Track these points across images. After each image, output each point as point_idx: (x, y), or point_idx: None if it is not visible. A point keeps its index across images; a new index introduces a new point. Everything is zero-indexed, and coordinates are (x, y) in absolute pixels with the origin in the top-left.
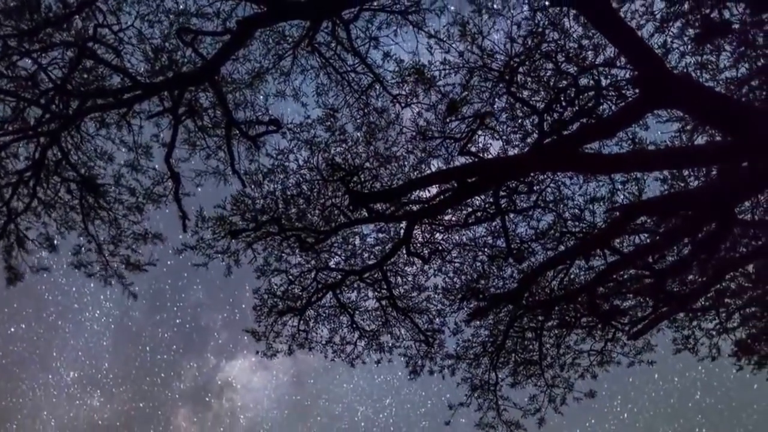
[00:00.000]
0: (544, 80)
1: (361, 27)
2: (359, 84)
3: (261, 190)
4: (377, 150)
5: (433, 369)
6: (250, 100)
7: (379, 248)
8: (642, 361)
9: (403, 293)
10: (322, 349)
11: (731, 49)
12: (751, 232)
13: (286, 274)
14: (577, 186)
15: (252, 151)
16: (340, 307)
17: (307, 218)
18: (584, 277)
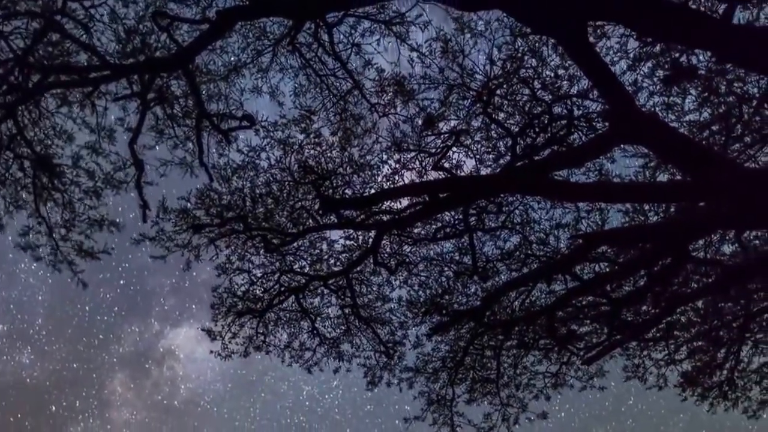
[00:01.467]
0: (520, 105)
1: (344, 32)
2: (338, 89)
3: (229, 185)
4: (351, 156)
5: (391, 381)
6: (225, 93)
7: (345, 255)
8: (594, 386)
9: (366, 303)
10: (280, 353)
11: (696, 94)
12: (703, 269)
13: (248, 274)
14: (544, 211)
15: (222, 145)
16: (301, 311)
17: (274, 219)
18: (545, 300)
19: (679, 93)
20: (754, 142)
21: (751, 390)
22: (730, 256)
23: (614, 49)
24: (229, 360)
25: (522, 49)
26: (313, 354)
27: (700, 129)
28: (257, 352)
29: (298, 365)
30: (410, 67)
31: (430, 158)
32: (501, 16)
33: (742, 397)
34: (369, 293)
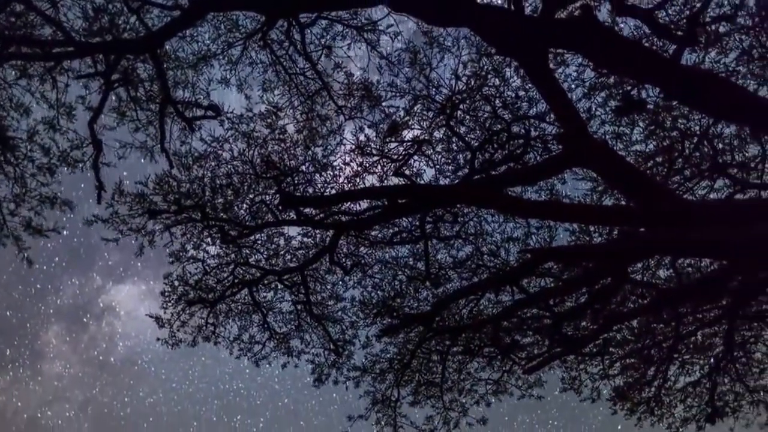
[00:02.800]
0: (481, 121)
1: (316, 33)
2: (306, 88)
3: (189, 173)
4: (315, 156)
5: (338, 379)
6: (192, 81)
7: (302, 252)
8: (532, 395)
9: (319, 300)
10: (229, 345)
11: (643, 126)
12: (639, 291)
13: (202, 263)
14: (496, 224)
15: (185, 132)
16: (254, 305)
17: (232, 211)
18: (492, 310)
19: (628, 124)
20: (693, 176)
21: (676, 407)
22: (665, 281)
23: (572, 76)
24: (177, 347)
25: (486, 67)
26: (262, 348)
27: (645, 159)
28: (206, 342)
29: (247, 358)
30: (378, 74)
31: (391, 164)
32: (468, 34)
33: (667, 414)
34: (323, 291)
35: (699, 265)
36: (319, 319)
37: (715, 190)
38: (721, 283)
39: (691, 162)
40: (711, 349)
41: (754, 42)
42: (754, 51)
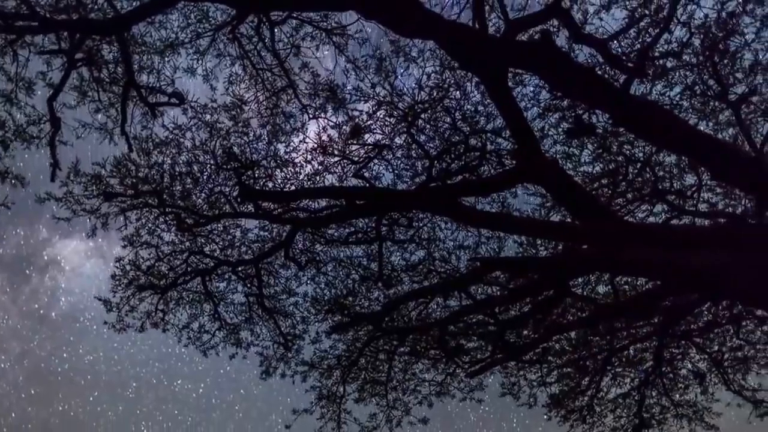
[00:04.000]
0: (440, 131)
1: (286, 32)
2: (272, 84)
3: (148, 159)
4: (277, 151)
5: (285, 372)
6: (157, 67)
7: (257, 245)
8: (473, 398)
9: (272, 294)
10: (177, 332)
11: (592, 149)
12: (579, 304)
13: (156, 249)
14: (449, 231)
15: (147, 118)
16: (206, 294)
17: (190, 199)
18: (439, 314)
19: (578, 146)
20: (635, 199)
21: (606, 417)
22: (603, 296)
23: (528, 96)
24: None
25: (449, 80)
26: (212, 338)
27: (591, 180)
28: (154, 328)
29: (195, 347)
30: (345, 77)
31: (352, 165)
32: (433, 47)
33: (597, 422)
34: (276, 285)
35: (635, 283)
36: (270, 313)
37: (654, 214)
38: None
39: (633, 186)
40: (641, 363)
41: (697, 79)
42: (696, 87)
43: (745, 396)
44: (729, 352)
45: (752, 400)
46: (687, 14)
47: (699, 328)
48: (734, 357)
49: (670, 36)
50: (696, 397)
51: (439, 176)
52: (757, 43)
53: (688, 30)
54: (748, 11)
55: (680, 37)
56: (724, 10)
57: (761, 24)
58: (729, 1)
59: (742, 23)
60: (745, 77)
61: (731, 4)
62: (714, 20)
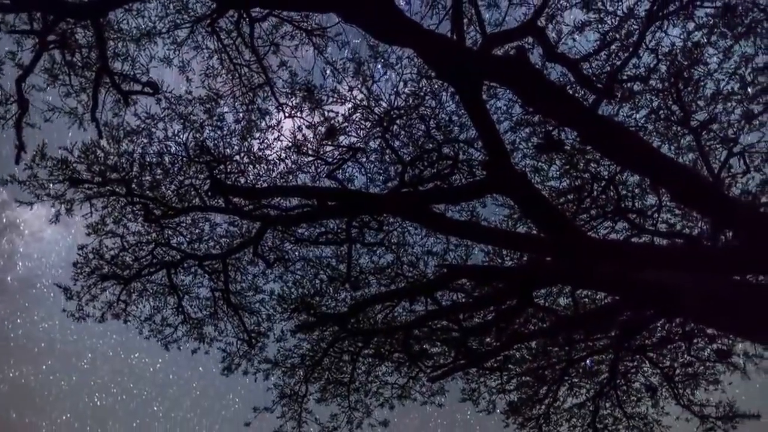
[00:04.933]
0: (415, 138)
1: (266, 29)
2: (249, 80)
3: (118, 147)
4: (250, 147)
5: (248, 369)
6: (132, 55)
7: (226, 240)
8: (434, 402)
9: (238, 290)
10: (139, 324)
11: (560, 164)
12: (540, 315)
13: (121, 239)
14: (419, 237)
15: (120, 105)
16: (170, 287)
17: (159, 190)
18: (405, 318)
19: (547, 161)
20: (598, 216)
21: (561, 426)
22: (564, 308)
23: (502, 110)
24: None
25: (425, 89)
26: (174, 331)
27: (557, 195)
28: (115, 319)
29: (157, 340)
30: (323, 78)
31: (325, 166)
32: (412, 54)
33: (553, 431)
34: (242, 281)
35: (595, 297)
36: (235, 309)
37: (615, 231)
38: (612, 316)
39: (597, 203)
40: (597, 375)
41: (662, 104)
42: (660, 111)
43: (693, 411)
44: (680, 367)
45: (699, 414)
46: (655, 41)
47: (653, 344)
48: (685, 372)
49: (638, 61)
50: (647, 410)
51: (411, 182)
52: (719, 74)
53: (656, 56)
54: (712, 42)
55: (648, 63)
56: (690, 39)
57: (723, 55)
58: (694, 32)
59: (705, 53)
60: (707, 105)
61: (697, 34)
62: (680, 49)
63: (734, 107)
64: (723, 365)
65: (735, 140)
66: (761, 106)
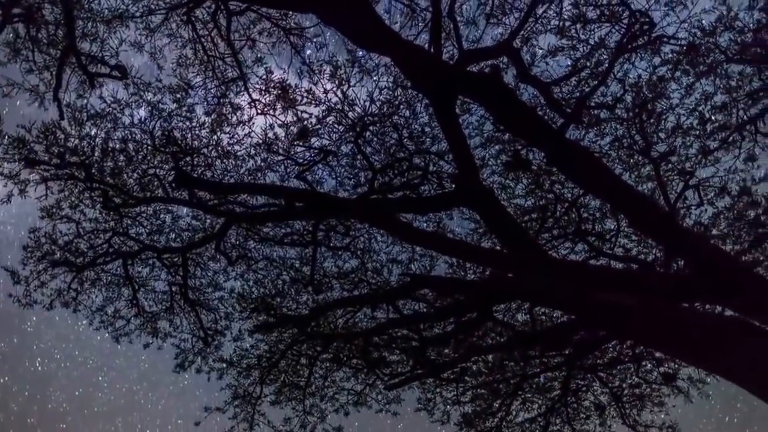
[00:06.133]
0: (387, 146)
1: (243, 23)
2: (223, 74)
3: (80, 129)
4: (219, 141)
5: (202, 367)
6: (102, 37)
7: (188, 234)
8: (389, 410)
9: (197, 286)
10: (90, 314)
11: (526, 183)
12: (499, 329)
13: (77, 225)
14: (384, 244)
15: (85, 87)
16: (125, 278)
17: (121, 177)
18: (365, 324)
19: (514, 179)
20: (559, 236)
21: None
22: (521, 324)
23: (473, 125)
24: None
25: (400, 98)
26: (126, 324)
27: (522, 213)
28: (64, 307)
29: (107, 332)
30: (298, 78)
31: (295, 167)
32: (389, 62)
33: None
34: (202, 277)
35: (552, 314)
36: (193, 305)
37: (575, 252)
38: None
39: (559, 224)
40: (549, 391)
41: (626, 133)
42: (624, 140)
43: (638, 431)
44: (628, 388)
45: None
46: (623, 72)
47: (604, 363)
48: (632, 393)
49: (606, 89)
50: (595, 428)
51: (381, 189)
52: (680, 108)
53: (623, 87)
54: (675, 78)
55: (615, 92)
56: (656, 73)
57: (685, 91)
58: (660, 67)
59: (669, 88)
60: (667, 138)
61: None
62: (645, 81)
63: (692, 142)
64: (668, 388)
65: (691, 173)
66: (717, 143)
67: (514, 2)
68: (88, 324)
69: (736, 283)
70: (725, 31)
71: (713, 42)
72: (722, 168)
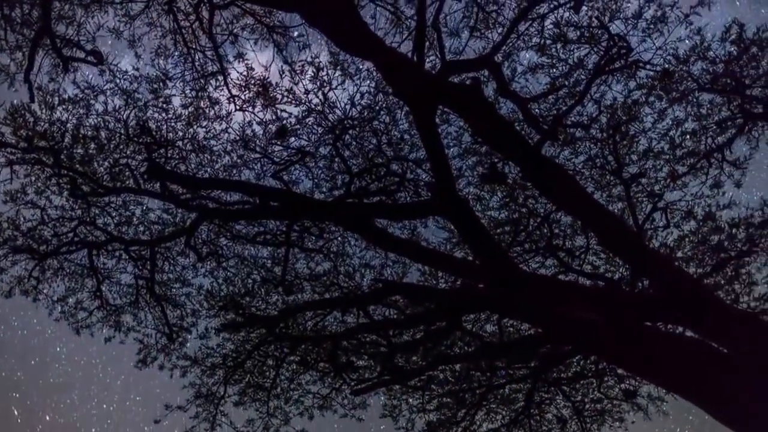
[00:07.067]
0: (365, 150)
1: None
2: (203, 67)
3: (51, 113)
4: (195, 135)
5: (164, 364)
6: (79, 20)
7: (158, 227)
8: (353, 416)
9: (164, 280)
10: (50, 304)
11: (500, 196)
12: (467, 338)
13: (42, 211)
14: (358, 249)
15: (58, 70)
16: (90, 269)
17: (91, 165)
18: (335, 328)
19: (489, 191)
20: (530, 250)
21: None
22: (489, 335)
23: (452, 135)
24: None
25: (381, 103)
26: (89, 316)
27: (495, 225)
28: (24, 295)
29: (68, 323)
30: (279, 77)
31: (272, 166)
32: (371, 67)
33: None
34: (170, 272)
35: (519, 327)
36: (159, 300)
37: (545, 267)
38: (534, 347)
39: (531, 238)
40: (513, 402)
41: (599, 152)
42: (597, 159)
43: None
44: (590, 403)
45: None
46: (599, 93)
47: (567, 378)
48: (594, 408)
49: (582, 109)
50: None
51: (357, 193)
52: (652, 132)
53: (599, 107)
54: (649, 102)
55: (591, 113)
56: (630, 97)
57: (658, 116)
58: (635, 90)
59: (642, 112)
60: (639, 160)
61: (637, 93)
62: (620, 104)
63: (662, 166)
64: (628, 404)
65: (660, 196)
66: (686, 168)
67: (498, 17)
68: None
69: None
70: (698, 61)
71: (686, 70)
72: (689, 193)
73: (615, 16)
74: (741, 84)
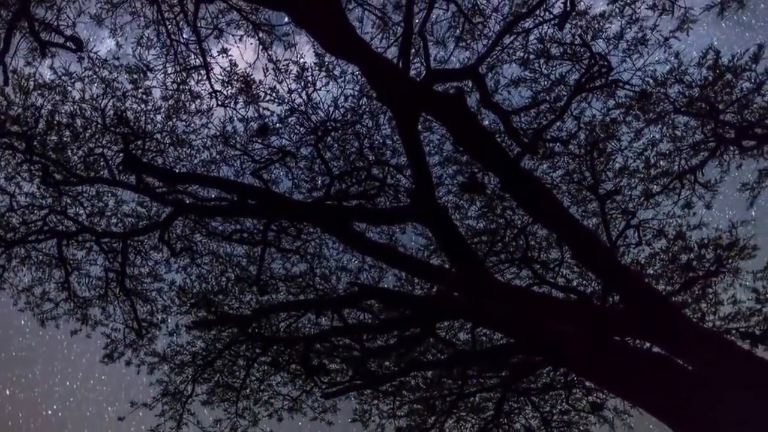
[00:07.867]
0: (347, 153)
1: (212, 11)
2: (185, 60)
3: (25, 98)
4: (174, 128)
5: (132, 360)
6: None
7: (131, 220)
8: (323, 419)
9: (135, 274)
10: (15, 294)
11: (479, 206)
12: (440, 346)
13: (11, 198)
14: (335, 251)
15: (35, 54)
16: (59, 259)
17: (65, 153)
18: (308, 330)
19: (468, 200)
20: (506, 261)
21: None
22: (462, 343)
23: (434, 143)
24: None
25: (364, 107)
26: (55, 307)
27: (473, 234)
28: None
29: (33, 314)
30: (263, 74)
31: (252, 164)
32: (356, 71)
33: None
34: (142, 266)
35: (492, 336)
36: (129, 294)
37: (519, 278)
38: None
39: (507, 249)
40: (483, 411)
41: (576, 168)
42: (574, 175)
43: None
44: (558, 414)
45: None
46: (579, 110)
47: (537, 388)
48: (561, 419)
49: (562, 124)
50: None
51: (337, 196)
52: (629, 151)
53: (578, 124)
54: (626, 122)
55: (570, 128)
56: (609, 115)
57: (634, 135)
58: (613, 109)
59: (620, 131)
60: (614, 177)
61: (615, 112)
62: (599, 122)
63: (637, 184)
64: (595, 417)
65: (633, 213)
66: (659, 188)
67: (484, 29)
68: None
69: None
70: (675, 83)
71: (664, 92)
72: (662, 212)
73: (597, 36)
74: (715, 109)
